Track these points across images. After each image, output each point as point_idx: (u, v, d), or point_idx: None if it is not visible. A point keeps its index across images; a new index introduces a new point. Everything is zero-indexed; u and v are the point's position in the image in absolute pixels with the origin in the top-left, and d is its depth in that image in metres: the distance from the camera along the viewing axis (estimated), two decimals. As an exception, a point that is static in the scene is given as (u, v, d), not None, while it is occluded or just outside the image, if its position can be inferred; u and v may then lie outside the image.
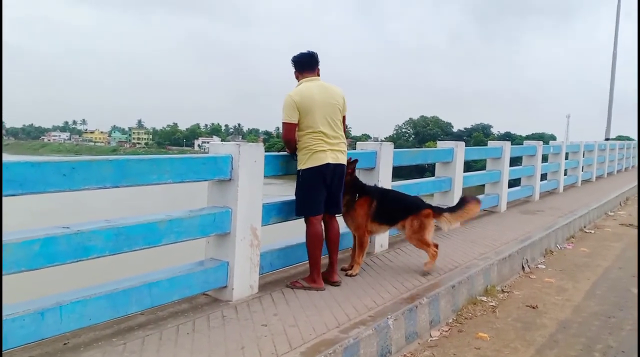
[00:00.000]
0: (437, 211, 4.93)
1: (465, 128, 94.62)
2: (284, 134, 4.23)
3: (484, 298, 4.82)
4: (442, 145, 7.29)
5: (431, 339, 3.93)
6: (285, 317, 3.51)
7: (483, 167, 8.98)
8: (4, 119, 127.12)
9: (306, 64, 4.31)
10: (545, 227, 7.22)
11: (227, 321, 3.43)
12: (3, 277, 2.61)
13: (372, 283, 4.39)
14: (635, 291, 5.31)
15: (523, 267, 5.97)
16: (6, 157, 2.75)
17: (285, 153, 4.36)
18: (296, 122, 4.13)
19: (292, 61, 4.35)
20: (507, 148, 8.68)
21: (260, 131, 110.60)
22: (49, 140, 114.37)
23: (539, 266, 6.21)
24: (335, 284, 4.29)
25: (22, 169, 2.74)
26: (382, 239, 5.52)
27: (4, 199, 2.70)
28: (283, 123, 4.16)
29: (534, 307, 4.72)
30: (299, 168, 4.22)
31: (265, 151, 4.11)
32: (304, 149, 4.17)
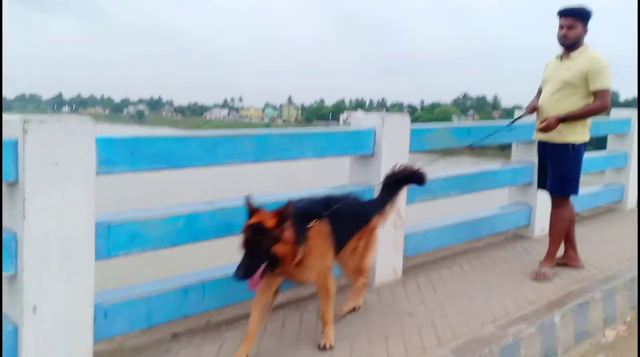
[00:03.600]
0: (382, 211, 3.18)
1: (634, 97, 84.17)
2: (606, 103, 3.77)
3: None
4: (616, 114, 6.32)
5: (605, 339, 3.38)
6: (432, 307, 3.20)
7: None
8: (173, 98, 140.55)
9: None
10: None
11: (369, 306, 3.20)
12: (149, 252, 2.65)
13: (531, 270, 3.88)
14: None
15: None
16: (173, 132, 2.74)
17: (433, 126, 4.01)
18: None
19: (583, 13, 3.82)
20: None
21: (404, 104, 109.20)
22: (210, 117, 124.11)
23: None
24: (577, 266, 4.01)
25: (168, 144, 2.73)
26: (543, 221, 4.90)
27: (152, 172, 2.75)
28: (606, 91, 3.72)
29: None
30: (570, 141, 3.79)
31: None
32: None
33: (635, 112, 6.20)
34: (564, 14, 3.81)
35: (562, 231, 3.92)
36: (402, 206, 3.71)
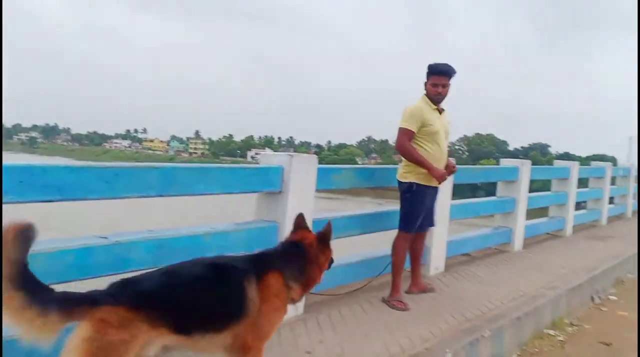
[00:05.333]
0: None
1: (522, 147, 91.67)
2: None
3: (552, 332, 4.37)
4: (505, 163, 6.85)
5: (493, 376, 3.55)
6: (331, 345, 3.21)
7: (538, 189, 8.32)
8: (70, 126, 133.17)
9: None
10: (616, 255, 6.66)
11: (267, 345, 3.14)
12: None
13: (427, 310, 4.03)
14: None
15: (593, 299, 5.46)
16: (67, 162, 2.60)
17: (340, 167, 4.17)
18: None
19: (454, 74, 4.18)
20: (575, 169, 8.13)
21: (311, 144, 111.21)
22: (110, 147, 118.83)
23: (610, 297, 5.68)
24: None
25: (62, 173, 2.59)
26: (437, 261, 5.15)
27: (43, 204, 2.58)
28: None
29: (607, 345, 4.25)
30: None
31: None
32: None
33: (526, 161, 6.74)
34: (444, 73, 4.10)
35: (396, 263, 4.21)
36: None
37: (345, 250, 4.77)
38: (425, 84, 4.16)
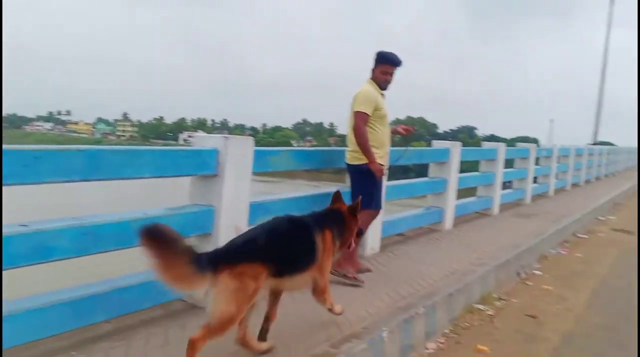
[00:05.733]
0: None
1: (450, 129, 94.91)
2: None
3: (481, 307, 4.54)
4: (437, 144, 7.02)
5: (427, 351, 3.65)
6: (271, 325, 3.17)
7: (467, 170, 8.63)
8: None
9: None
10: (540, 232, 7.00)
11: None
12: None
13: (364, 290, 4.08)
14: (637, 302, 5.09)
15: (519, 274, 5.72)
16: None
17: (277, 149, 4.26)
18: None
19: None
20: (502, 150, 8.46)
21: (246, 127, 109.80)
22: (32, 130, 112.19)
23: (535, 272, 5.96)
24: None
25: (-26, 157, 2.39)
26: (373, 241, 5.22)
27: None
28: None
29: (533, 317, 4.46)
30: None
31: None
32: None
33: (456, 143, 6.93)
34: (396, 64, 4.38)
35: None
36: (244, 227, 3.67)
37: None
38: (374, 70, 4.38)
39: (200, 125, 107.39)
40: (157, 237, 2.31)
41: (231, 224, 3.55)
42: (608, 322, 4.48)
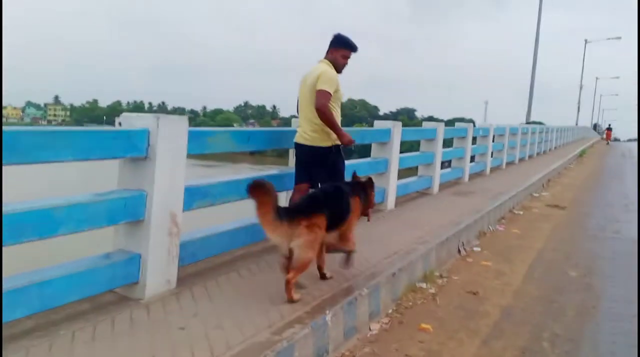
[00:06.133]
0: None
1: (391, 111, 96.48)
2: None
3: (424, 285, 4.56)
4: (379, 125, 6.98)
5: (371, 333, 3.61)
6: (207, 318, 3.03)
7: (407, 150, 8.71)
8: None
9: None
10: (478, 209, 7.13)
11: (136, 324, 2.90)
12: None
13: (308, 273, 3.93)
14: (573, 273, 5.28)
15: (459, 251, 5.81)
16: None
17: (214, 129, 4.03)
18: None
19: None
20: (441, 129, 8.55)
21: (186, 110, 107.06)
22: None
23: (474, 248, 6.08)
24: None
25: None
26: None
27: None
28: None
29: (474, 294, 4.53)
30: None
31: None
32: None
33: (397, 123, 6.92)
34: (355, 50, 4.53)
35: None
36: (179, 213, 3.49)
37: (222, 218, 4.59)
38: (333, 52, 4.47)
39: (137, 108, 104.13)
40: (260, 191, 3.14)
41: (165, 209, 3.36)
42: (545, 294, 4.60)
